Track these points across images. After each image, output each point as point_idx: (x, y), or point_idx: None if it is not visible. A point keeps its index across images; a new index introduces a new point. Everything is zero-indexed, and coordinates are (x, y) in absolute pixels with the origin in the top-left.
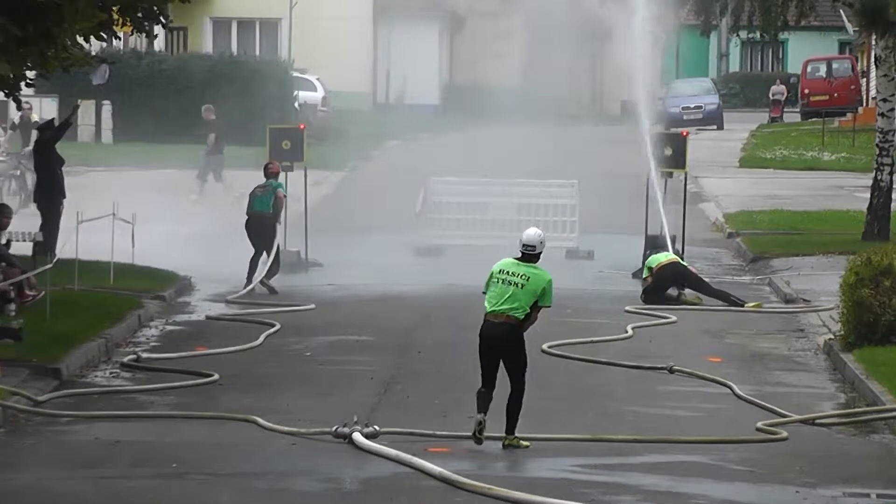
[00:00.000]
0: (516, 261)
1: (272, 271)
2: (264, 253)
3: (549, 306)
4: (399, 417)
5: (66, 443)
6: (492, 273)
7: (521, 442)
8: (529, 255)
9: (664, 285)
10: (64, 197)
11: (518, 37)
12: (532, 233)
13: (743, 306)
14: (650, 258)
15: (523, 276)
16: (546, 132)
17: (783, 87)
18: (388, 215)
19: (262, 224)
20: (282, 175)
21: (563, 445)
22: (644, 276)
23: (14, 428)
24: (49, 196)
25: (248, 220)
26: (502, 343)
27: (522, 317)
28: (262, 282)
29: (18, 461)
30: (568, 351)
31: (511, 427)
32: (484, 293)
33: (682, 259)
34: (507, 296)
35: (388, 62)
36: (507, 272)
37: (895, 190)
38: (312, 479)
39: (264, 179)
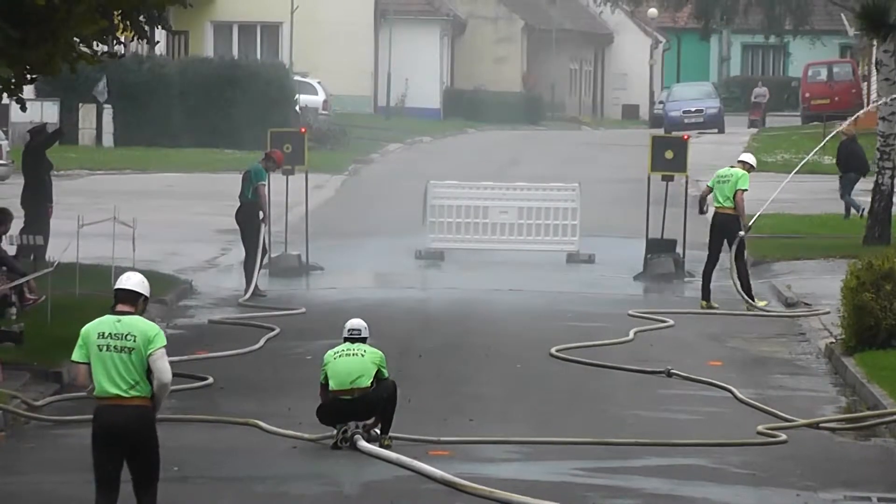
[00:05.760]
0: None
1: (249, 273)
2: (257, 255)
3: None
4: (400, 421)
5: (67, 446)
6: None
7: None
8: (357, 338)
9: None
10: (50, 202)
11: (518, 41)
12: (356, 321)
13: (747, 307)
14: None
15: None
16: (546, 136)
17: (765, 89)
18: (389, 219)
19: (241, 213)
20: (282, 179)
21: (565, 449)
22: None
23: (14, 431)
24: (35, 199)
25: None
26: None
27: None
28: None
29: (18, 465)
30: (573, 355)
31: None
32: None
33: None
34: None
35: (389, 66)
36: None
37: None
38: (313, 482)
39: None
